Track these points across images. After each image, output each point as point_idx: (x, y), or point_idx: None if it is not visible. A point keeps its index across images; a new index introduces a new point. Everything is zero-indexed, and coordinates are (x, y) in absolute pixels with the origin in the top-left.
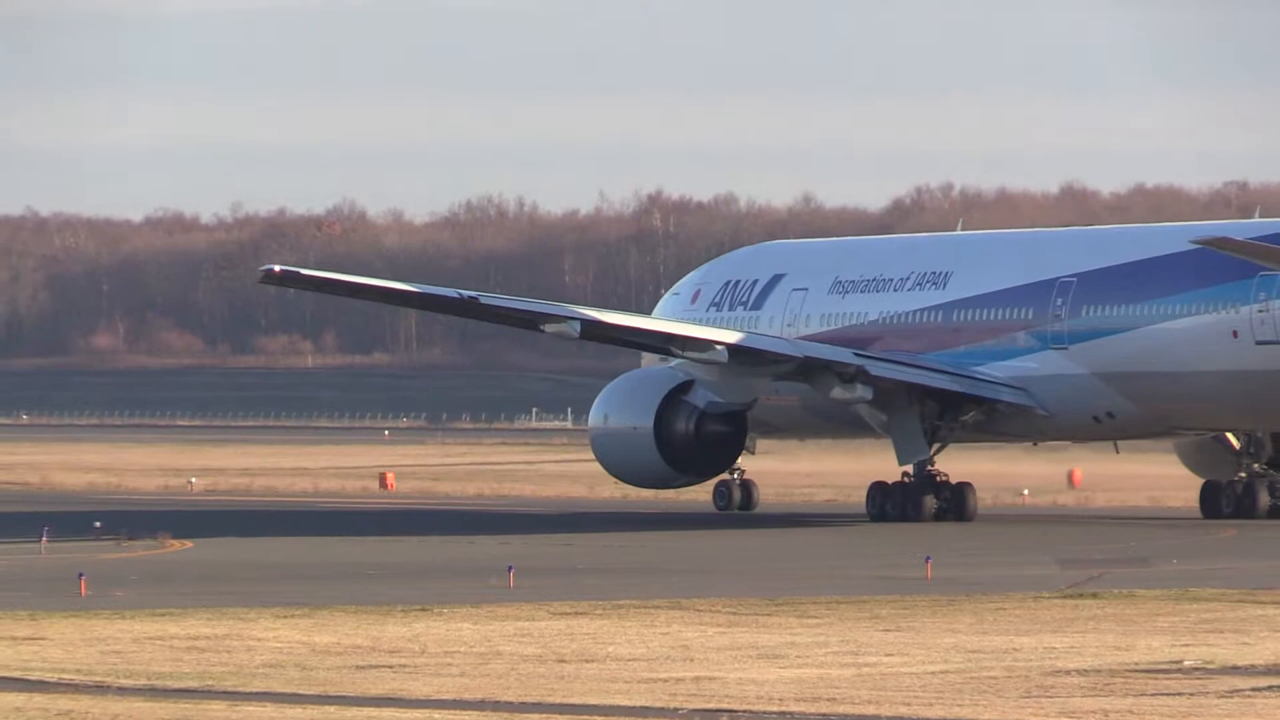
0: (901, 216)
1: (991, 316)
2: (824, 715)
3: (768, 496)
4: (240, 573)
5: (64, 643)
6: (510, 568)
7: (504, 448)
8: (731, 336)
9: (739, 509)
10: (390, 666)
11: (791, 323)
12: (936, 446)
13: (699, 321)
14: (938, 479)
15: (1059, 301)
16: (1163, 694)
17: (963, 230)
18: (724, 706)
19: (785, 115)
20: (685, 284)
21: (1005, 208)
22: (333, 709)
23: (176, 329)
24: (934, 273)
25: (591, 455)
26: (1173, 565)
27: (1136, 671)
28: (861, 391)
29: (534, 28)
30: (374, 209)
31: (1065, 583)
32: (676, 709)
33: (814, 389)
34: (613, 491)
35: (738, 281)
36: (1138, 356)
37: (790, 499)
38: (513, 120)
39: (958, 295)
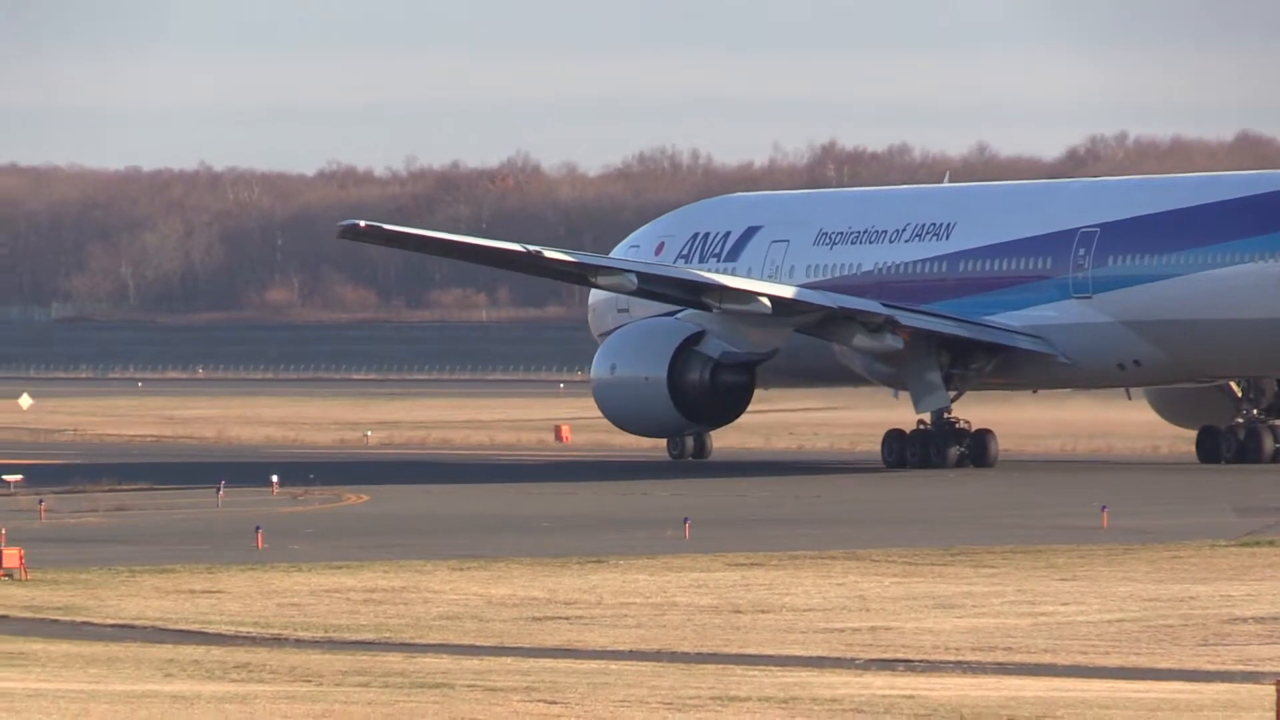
0: (1075, 165)
1: (1003, 267)
2: (1000, 665)
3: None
4: (416, 525)
5: (241, 596)
6: (686, 519)
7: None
8: (789, 291)
9: (692, 456)
10: (566, 618)
11: (773, 274)
12: (954, 394)
13: None
14: (957, 426)
15: (1081, 251)
16: None
17: (949, 183)
18: (900, 656)
19: (959, 65)
20: (643, 235)
21: (1179, 157)
22: (509, 660)
23: (350, 283)
24: (934, 224)
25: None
26: None
27: None
28: (891, 341)
29: None
30: (547, 162)
31: (1242, 531)
32: (853, 659)
33: (835, 339)
34: (786, 443)
35: (707, 234)
36: (1174, 304)
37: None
38: (686, 72)
39: (963, 246)
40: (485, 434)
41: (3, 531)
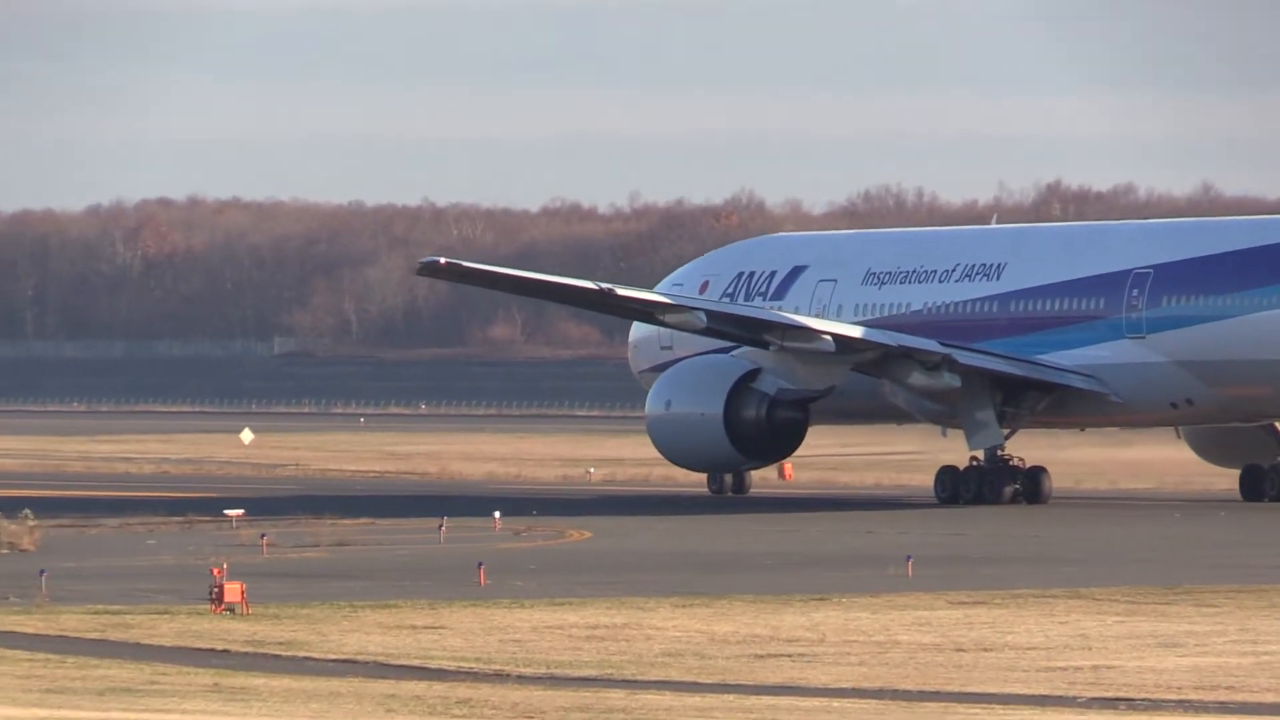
0: None
1: (1056, 307)
2: (1222, 704)
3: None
4: (639, 562)
5: (463, 631)
6: (909, 557)
7: (903, 437)
8: (855, 330)
9: (731, 492)
10: (789, 655)
11: (820, 313)
12: (1007, 432)
13: None
14: (1011, 463)
15: (1134, 292)
16: None
17: (997, 224)
18: (1122, 695)
19: (1185, 105)
20: (686, 274)
21: None
22: (731, 697)
23: (574, 320)
24: (984, 264)
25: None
26: None
27: None
28: (949, 379)
29: (932, 18)
30: (772, 199)
31: None
32: (1075, 698)
33: (889, 377)
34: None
35: (752, 273)
36: (1227, 345)
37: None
38: (912, 111)
39: (1015, 286)
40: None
41: (225, 566)
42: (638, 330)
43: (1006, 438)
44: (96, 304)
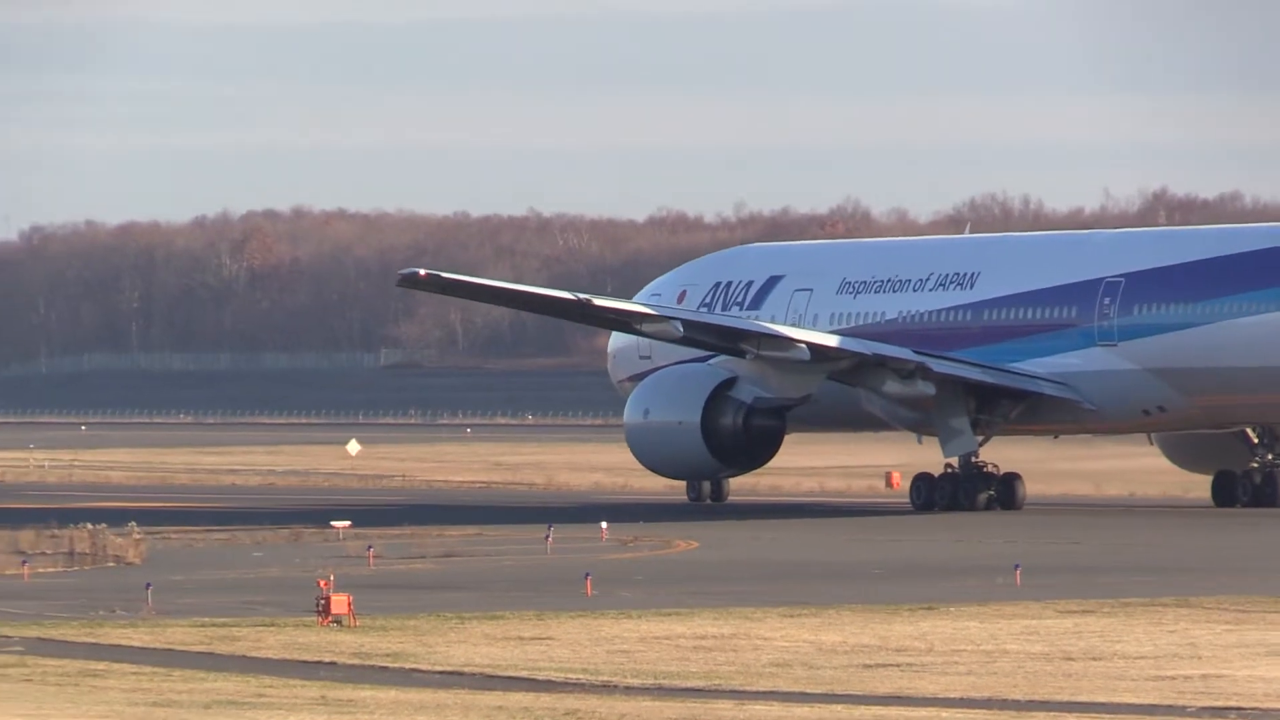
0: None
1: (1029, 315)
2: None
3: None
4: (747, 572)
5: (570, 642)
6: (1017, 566)
7: (1014, 445)
8: (831, 339)
9: (710, 499)
10: (897, 665)
11: (796, 322)
12: (981, 439)
13: None
14: (985, 470)
15: (1106, 300)
16: None
17: (971, 234)
18: (1232, 704)
19: None
20: (664, 284)
21: None
22: (840, 707)
23: None
24: (958, 274)
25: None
26: None
27: None
28: (922, 387)
29: (1040, 25)
30: (878, 208)
31: None
32: (1184, 707)
33: (864, 385)
34: (1116, 488)
35: (729, 283)
36: (1198, 352)
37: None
38: (1019, 119)
39: (989, 295)
40: (815, 480)
41: (332, 578)
42: (616, 340)
43: (981, 445)
44: (202, 316)
